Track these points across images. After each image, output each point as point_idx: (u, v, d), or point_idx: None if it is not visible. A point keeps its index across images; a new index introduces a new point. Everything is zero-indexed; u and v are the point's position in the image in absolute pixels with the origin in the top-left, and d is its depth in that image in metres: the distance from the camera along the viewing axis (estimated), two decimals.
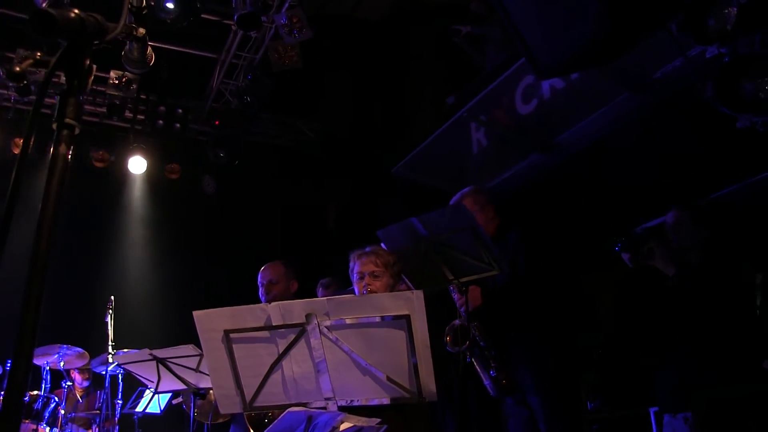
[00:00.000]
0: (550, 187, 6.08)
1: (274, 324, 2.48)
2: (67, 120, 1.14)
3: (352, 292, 4.53)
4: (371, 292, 3.33)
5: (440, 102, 7.00)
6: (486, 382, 4.20)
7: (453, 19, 6.67)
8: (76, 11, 1.15)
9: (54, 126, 1.18)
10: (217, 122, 7.99)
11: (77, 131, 1.18)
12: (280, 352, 2.51)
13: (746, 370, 3.45)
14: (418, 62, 7.17)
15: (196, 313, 2.53)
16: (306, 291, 5.18)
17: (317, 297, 5.63)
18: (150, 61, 1.69)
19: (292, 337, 2.48)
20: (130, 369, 4.15)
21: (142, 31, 1.52)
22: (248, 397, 2.59)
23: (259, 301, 4.68)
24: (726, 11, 2.94)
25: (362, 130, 7.78)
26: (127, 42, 1.64)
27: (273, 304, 2.46)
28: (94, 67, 1.23)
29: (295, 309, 2.45)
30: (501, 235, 4.45)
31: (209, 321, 2.54)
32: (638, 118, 5.22)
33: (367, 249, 3.50)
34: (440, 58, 7.06)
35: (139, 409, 6.12)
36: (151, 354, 3.85)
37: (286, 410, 1.95)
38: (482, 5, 6.48)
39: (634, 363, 5.15)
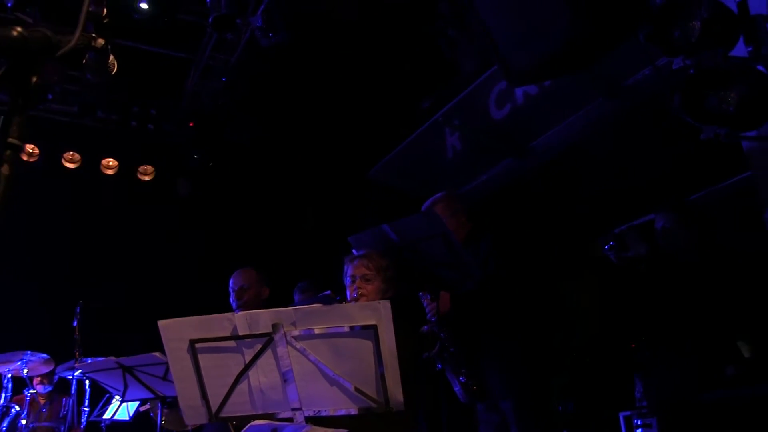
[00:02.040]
0: (523, 192, 6.12)
1: (240, 333, 2.45)
2: (11, 140, 1.10)
3: (329, 297, 4.53)
4: (362, 295, 3.30)
5: (415, 105, 7.01)
6: (456, 388, 4.20)
7: (429, 22, 6.68)
8: (19, 29, 1.11)
9: None
10: (191, 123, 7.92)
11: (21, 151, 1.14)
12: (247, 362, 2.48)
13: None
14: (393, 64, 7.16)
15: (161, 323, 2.50)
16: (282, 295, 5.15)
17: (294, 300, 5.64)
18: (112, 69, 1.65)
19: (258, 346, 2.46)
20: (95, 377, 4.09)
21: (101, 41, 1.48)
22: (214, 407, 2.56)
23: (230, 307, 4.65)
24: (691, 24, 2.97)
25: (339, 132, 7.76)
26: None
27: (240, 313, 2.44)
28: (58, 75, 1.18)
29: (262, 318, 2.43)
30: (473, 240, 4.46)
31: (175, 330, 2.51)
32: (610, 123, 5.28)
33: (361, 252, 3.48)
34: (416, 60, 7.07)
35: (107, 416, 6.00)
36: (117, 362, 3.79)
37: (249, 424, 1.93)
38: (451, 9, 6.49)
39: (608, 366, 5.19)
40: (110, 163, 7.96)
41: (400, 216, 3.77)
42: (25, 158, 7.62)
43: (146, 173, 8.20)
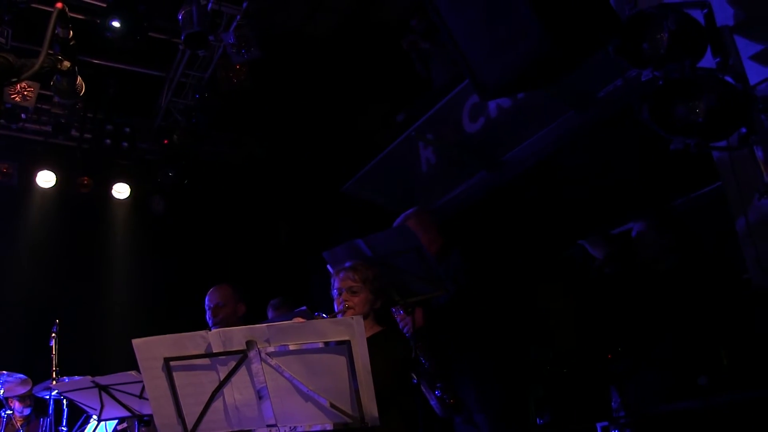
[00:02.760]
0: (498, 205, 6.17)
1: (214, 351, 2.45)
2: None
3: (305, 312, 4.52)
4: (348, 308, 3.30)
5: (390, 119, 7.05)
6: (432, 401, 4.22)
7: (402, 36, 6.75)
8: None
9: None
10: (165, 141, 7.90)
11: None
12: (221, 379, 2.48)
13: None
14: (367, 78, 7.21)
15: (135, 342, 2.50)
16: (256, 311, 5.14)
17: (268, 317, 5.61)
18: (80, 91, 1.67)
19: (233, 364, 2.46)
20: (71, 397, 4.05)
21: (67, 64, 1.50)
22: (189, 425, 2.55)
23: (207, 325, 4.63)
24: (659, 36, 3.03)
25: (313, 146, 7.78)
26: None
27: (213, 331, 2.44)
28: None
29: (236, 336, 2.43)
30: (444, 254, 4.50)
31: (149, 349, 2.50)
32: (583, 135, 5.34)
33: (347, 264, 3.45)
34: (389, 74, 7.12)
35: None
36: (92, 381, 3.76)
37: None
38: (423, 23, 6.56)
39: (584, 377, 5.22)
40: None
41: (374, 230, 3.80)
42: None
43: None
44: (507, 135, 5.79)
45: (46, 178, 7.69)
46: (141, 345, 2.50)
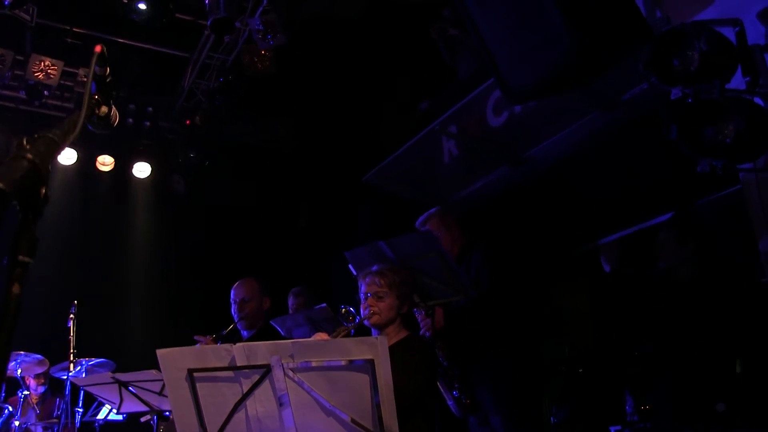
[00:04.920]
0: (518, 200, 6.14)
1: (238, 364, 2.47)
2: (21, 258, 1.09)
3: (324, 310, 4.56)
4: (374, 313, 3.29)
5: (414, 106, 7.01)
6: (449, 402, 4.27)
7: (430, 20, 6.68)
8: (29, 157, 1.09)
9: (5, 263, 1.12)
10: (188, 122, 7.90)
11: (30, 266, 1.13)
12: (244, 392, 2.50)
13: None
14: (393, 64, 7.15)
15: (159, 352, 2.52)
16: (275, 297, 5.13)
17: (288, 304, 5.65)
18: (114, 121, 1.67)
19: (256, 377, 2.48)
20: (91, 391, 4.10)
21: (104, 109, 1.50)
22: None
23: (224, 307, 4.66)
24: (689, 54, 2.99)
25: (336, 131, 7.76)
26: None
27: (238, 345, 2.45)
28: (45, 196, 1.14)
29: (260, 350, 2.45)
30: (466, 253, 4.50)
31: (173, 359, 2.53)
32: (607, 136, 5.29)
33: (374, 269, 3.40)
34: (415, 60, 7.07)
35: (101, 416, 6.01)
36: (113, 377, 3.80)
37: None
38: (455, 14, 6.48)
39: (600, 378, 5.24)
40: (106, 160, 7.93)
41: (394, 221, 3.79)
42: None
43: (142, 171, 8.18)
44: (531, 131, 5.75)
45: (67, 156, 7.72)
46: (165, 355, 2.52)
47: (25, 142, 1.13)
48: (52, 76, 7.05)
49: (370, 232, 6.55)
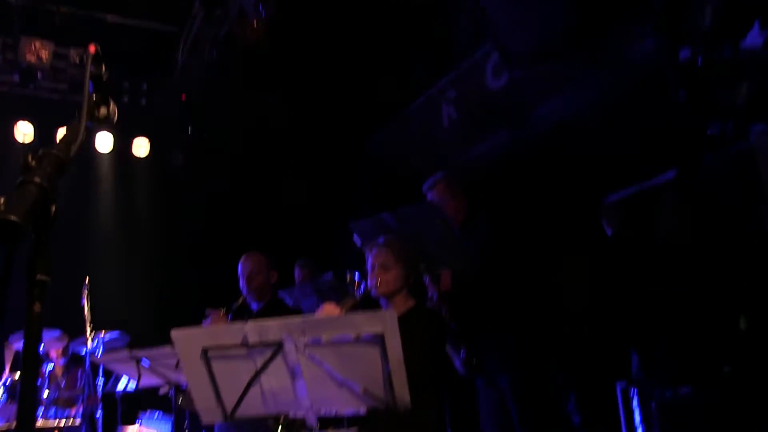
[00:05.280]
0: (520, 164, 6.14)
1: (251, 342, 2.52)
2: (39, 277, 1.12)
3: (330, 282, 4.62)
4: (381, 284, 3.34)
5: (412, 73, 6.96)
6: (456, 362, 4.33)
7: None
8: (36, 180, 1.10)
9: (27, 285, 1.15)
10: (183, 97, 7.88)
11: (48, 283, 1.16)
12: (258, 368, 2.56)
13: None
14: (389, 30, 7.09)
15: (174, 333, 2.56)
16: (283, 274, 5.19)
17: (294, 276, 5.71)
18: (114, 117, 1.68)
19: (269, 354, 2.53)
20: (110, 367, 4.18)
21: (103, 111, 1.52)
22: (228, 409, 2.66)
23: (230, 280, 4.72)
24: (701, 11, 2.94)
25: (334, 100, 7.72)
26: None
27: (250, 323, 2.50)
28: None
29: (272, 328, 2.49)
30: (471, 219, 4.54)
31: (187, 340, 2.57)
32: (609, 96, 5.26)
33: (380, 240, 3.46)
34: (412, 26, 7.00)
35: (120, 387, 6.17)
36: (130, 354, 3.88)
37: None
38: None
39: (605, 338, 5.29)
40: (105, 140, 7.93)
41: (396, 189, 3.80)
42: (20, 139, 7.61)
43: (141, 147, 8.17)
44: (531, 94, 5.72)
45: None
46: (179, 336, 2.56)
47: (30, 160, 1.15)
48: (43, 58, 7.01)
49: (372, 202, 6.58)
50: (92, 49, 1.48)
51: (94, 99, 1.51)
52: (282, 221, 7.92)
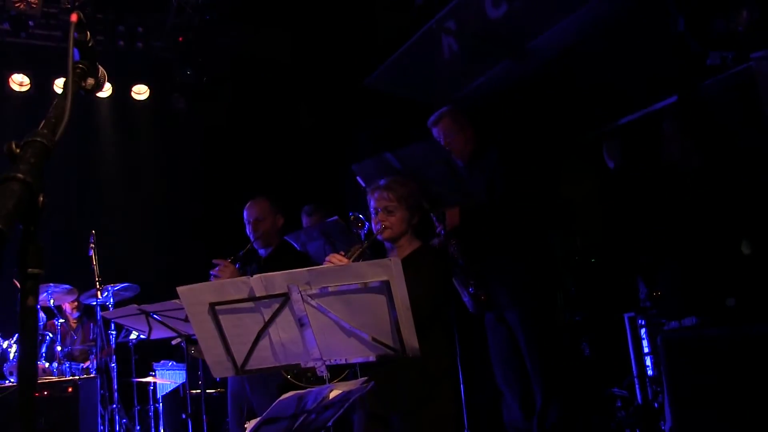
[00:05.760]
0: (523, 93, 6.05)
1: (257, 295, 2.53)
2: (31, 270, 1.09)
3: (336, 222, 4.59)
4: (386, 227, 3.29)
5: (409, 4, 6.78)
6: (465, 298, 4.35)
7: None
8: (19, 176, 1.06)
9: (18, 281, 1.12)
10: (180, 38, 7.72)
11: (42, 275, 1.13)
12: (266, 320, 2.57)
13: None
14: None
15: (180, 289, 2.57)
16: (290, 219, 5.17)
17: (302, 223, 5.70)
18: (103, 82, 1.63)
19: (276, 306, 2.54)
20: (121, 322, 4.23)
21: (91, 81, 1.47)
22: (239, 362, 2.69)
23: (243, 232, 4.71)
24: None
25: (332, 36, 7.56)
26: None
27: (255, 276, 2.50)
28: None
29: (277, 280, 2.49)
30: (479, 154, 4.48)
31: (194, 295, 2.58)
32: (609, 23, 5.14)
33: (381, 182, 3.37)
34: None
35: (134, 336, 6.28)
36: (139, 309, 3.91)
37: (278, 400, 2.04)
38: None
39: (612, 267, 5.31)
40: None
41: (399, 125, 3.71)
42: (17, 88, 7.52)
43: (140, 92, 8.08)
44: (531, 22, 5.58)
45: (62, 85, 7.60)
46: (186, 292, 2.57)
47: (14, 147, 1.11)
48: (33, 5, 6.85)
49: (375, 139, 6.51)
50: (74, 17, 1.42)
51: (80, 68, 1.44)
52: (286, 165, 7.88)
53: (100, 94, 7.81)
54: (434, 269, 3.33)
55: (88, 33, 1.50)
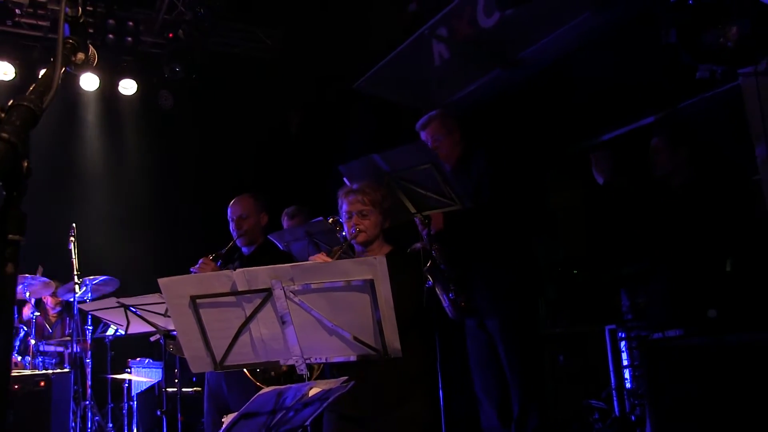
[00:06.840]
0: (512, 102, 6.07)
1: (239, 289, 2.50)
2: (11, 236, 1.06)
3: (321, 222, 4.55)
4: (360, 231, 3.29)
5: (402, 9, 6.80)
6: (445, 304, 4.30)
7: None
8: (1, 142, 1.02)
9: None
10: (171, 35, 7.67)
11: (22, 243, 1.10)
12: (248, 315, 2.54)
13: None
14: None
15: (161, 281, 2.53)
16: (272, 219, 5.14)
17: (282, 226, 5.66)
18: (93, 62, 1.60)
19: (258, 301, 2.51)
20: (99, 315, 4.16)
21: (81, 56, 1.44)
22: (218, 357, 2.65)
23: (219, 224, 4.66)
24: None
25: (323, 38, 7.55)
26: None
27: (238, 270, 2.47)
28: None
29: (260, 275, 2.47)
30: (467, 158, 4.47)
31: (175, 288, 2.55)
32: (600, 35, 5.18)
33: (355, 186, 3.39)
34: None
35: (110, 332, 6.19)
36: (118, 302, 3.85)
37: (257, 394, 2.01)
38: None
39: (595, 279, 5.32)
40: (90, 80, 7.75)
41: (388, 128, 3.70)
42: (1, 77, 7.42)
43: (127, 87, 8.01)
44: (522, 32, 5.61)
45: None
46: (167, 284, 2.54)
47: None
48: None
49: (363, 142, 6.49)
50: None
51: (71, 43, 1.41)
52: (272, 164, 7.84)
53: (86, 87, 7.76)
54: (408, 272, 3.32)
55: (80, 9, 1.48)
